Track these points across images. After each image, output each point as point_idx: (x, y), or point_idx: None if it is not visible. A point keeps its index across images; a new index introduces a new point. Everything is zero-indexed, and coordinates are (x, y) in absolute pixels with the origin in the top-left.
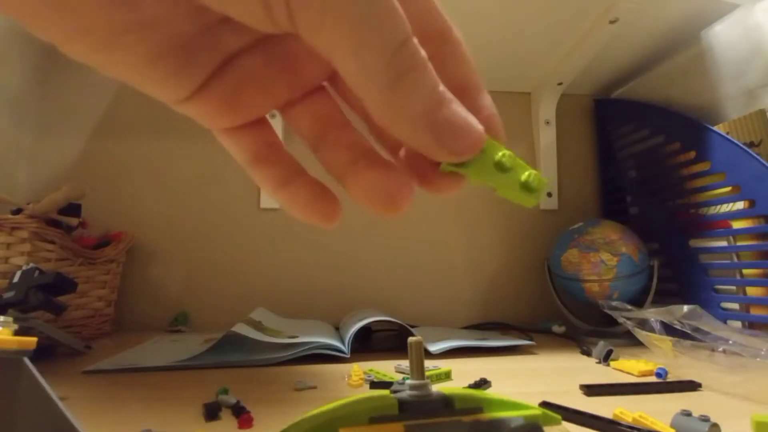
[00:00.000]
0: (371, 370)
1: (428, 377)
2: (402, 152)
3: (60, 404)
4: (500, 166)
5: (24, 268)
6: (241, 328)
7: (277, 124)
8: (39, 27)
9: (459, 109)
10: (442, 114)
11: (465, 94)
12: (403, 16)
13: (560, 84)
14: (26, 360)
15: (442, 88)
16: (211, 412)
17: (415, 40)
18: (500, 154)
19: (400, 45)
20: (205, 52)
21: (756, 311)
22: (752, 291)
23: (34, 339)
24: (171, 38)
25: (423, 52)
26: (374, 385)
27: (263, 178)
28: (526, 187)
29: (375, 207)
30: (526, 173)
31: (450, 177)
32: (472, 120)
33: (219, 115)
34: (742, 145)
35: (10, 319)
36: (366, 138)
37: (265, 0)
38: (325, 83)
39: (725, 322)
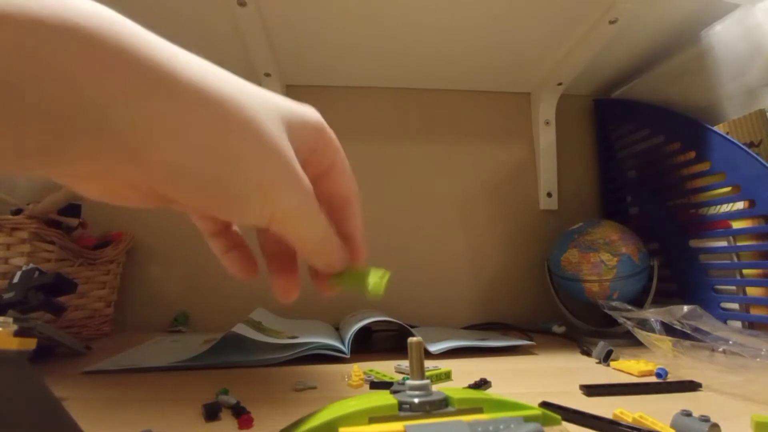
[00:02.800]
0: (371, 371)
1: (428, 377)
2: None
3: (60, 403)
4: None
5: (24, 268)
6: (241, 329)
7: None
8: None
9: (341, 259)
10: (333, 261)
11: (348, 240)
12: (327, 225)
13: (560, 84)
14: (26, 360)
15: (337, 255)
16: (211, 413)
17: (329, 234)
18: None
19: (323, 239)
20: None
21: (756, 311)
22: (752, 291)
23: (34, 339)
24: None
25: (334, 239)
26: (374, 385)
27: (214, 246)
28: (371, 286)
29: (279, 296)
30: (371, 280)
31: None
32: (341, 263)
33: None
34: (742, 145)
35: (10, 319)
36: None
37: (258, 224)
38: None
39: (725, 322)
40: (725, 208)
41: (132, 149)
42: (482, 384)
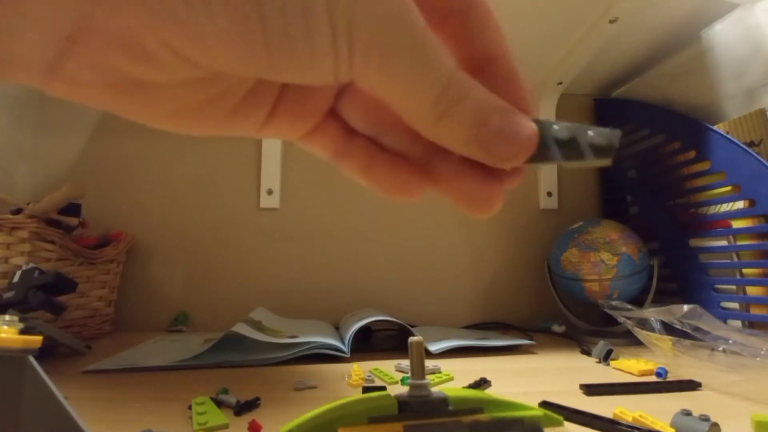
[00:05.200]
0: (375, 370)
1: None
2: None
3: (65, 402)
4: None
5: (24, 268)
6: (241, 328)
7: None
8: (121, 112)
9: (506, 120)
10: (488, 129)
11: (491, 63)
12: (445, 55)
13: (560, 84)
14: (31, 359)
15: (487, 105)
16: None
17: (459, 74)
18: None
19: (445, 85)
20: (258, 103)
21: (756, 311)
22: (752, 290)
23: (40, 338)
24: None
25: (466, 80)
26: (366, 390)
27: (348, 169)
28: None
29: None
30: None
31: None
32: (521, 126)
33: (286, 133)
34: (742, 145)
35: (16, 318)
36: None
37: (336, 71)
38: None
39: (725, 322)
40: (725, 207)
41: None
42: (482, 383)
